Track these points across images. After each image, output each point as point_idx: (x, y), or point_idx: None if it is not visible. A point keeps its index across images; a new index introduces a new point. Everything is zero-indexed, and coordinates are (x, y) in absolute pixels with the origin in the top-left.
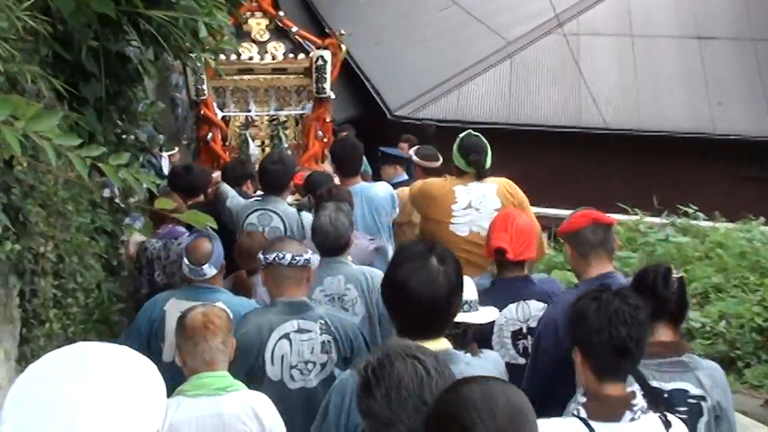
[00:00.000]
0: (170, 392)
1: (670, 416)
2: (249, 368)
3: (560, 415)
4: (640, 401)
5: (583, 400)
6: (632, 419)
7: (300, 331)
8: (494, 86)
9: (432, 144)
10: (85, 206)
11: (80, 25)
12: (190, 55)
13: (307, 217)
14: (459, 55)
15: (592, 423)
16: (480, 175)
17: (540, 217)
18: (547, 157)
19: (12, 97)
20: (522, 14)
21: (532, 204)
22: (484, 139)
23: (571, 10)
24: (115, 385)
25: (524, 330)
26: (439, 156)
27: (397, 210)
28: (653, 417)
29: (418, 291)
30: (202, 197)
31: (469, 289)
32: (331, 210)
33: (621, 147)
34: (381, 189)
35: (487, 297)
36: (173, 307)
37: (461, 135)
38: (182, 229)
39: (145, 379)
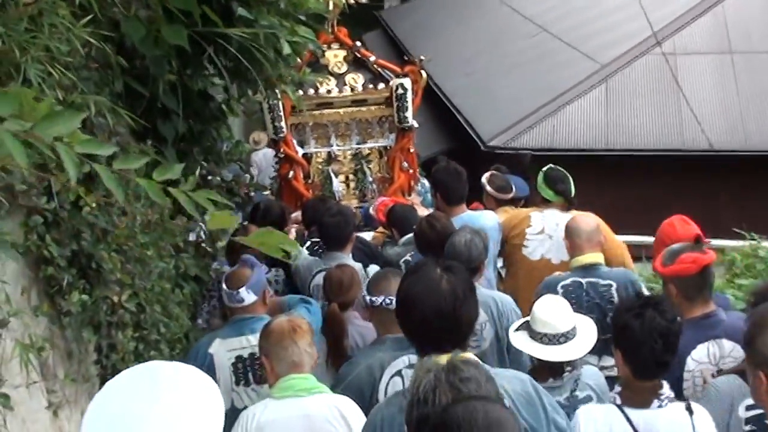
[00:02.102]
0: None
1: (694, 405)
2: (364, 410)
3: None
4: (667, 391)
5: (619, 389)
6: (659, 406)
7: (411, 366)
8: (590, 112)
9: (528, 174)
10: (169, 251)
11: (154, 57)
12: (275, 89)
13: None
14: (552, 81)
15: (626, 409)
16: (569, 203)
17: (642, 246)
18: (650, 183)
19: (15, 90)
20: (615, 36)
21: (634, 232)
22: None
23: (666, 29)
24: (181, 404)
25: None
26: (512, 187)
27: None
28: (679, 405)
29: (420, 298)
30: None
31: (563, 316)
32: (468, 232)
33: (727, 168)
34: (489, 218)
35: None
36: (220, 348)
37: (543, 169)
38: (254, 259)
39: (208, 398)
